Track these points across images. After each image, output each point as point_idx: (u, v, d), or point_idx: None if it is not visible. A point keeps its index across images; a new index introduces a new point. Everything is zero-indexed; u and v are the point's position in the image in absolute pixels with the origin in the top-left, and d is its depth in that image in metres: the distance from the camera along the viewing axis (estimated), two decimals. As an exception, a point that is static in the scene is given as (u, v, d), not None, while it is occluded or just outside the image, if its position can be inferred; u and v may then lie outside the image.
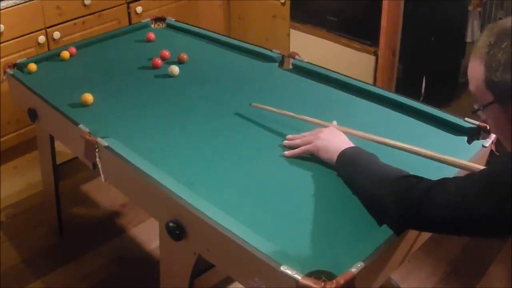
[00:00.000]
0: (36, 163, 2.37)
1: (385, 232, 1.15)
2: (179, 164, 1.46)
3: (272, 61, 2.02)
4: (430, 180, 1.12)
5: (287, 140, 1.52)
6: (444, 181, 1.09)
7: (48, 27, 2.71)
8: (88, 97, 1.77)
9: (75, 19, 2.80)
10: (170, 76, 1.95)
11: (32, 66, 2.03)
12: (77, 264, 2.19)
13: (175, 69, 1.95)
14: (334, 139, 1.42)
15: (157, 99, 1.82)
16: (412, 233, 1.22)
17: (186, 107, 1.76)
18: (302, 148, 1.46)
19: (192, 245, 1.32)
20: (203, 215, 1.21)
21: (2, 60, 2.53)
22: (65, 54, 2.11)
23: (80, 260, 2.21)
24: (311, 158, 1.46)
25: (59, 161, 2.18)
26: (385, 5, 2.52)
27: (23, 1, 2.57)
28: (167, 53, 2.08)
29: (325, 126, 1.50)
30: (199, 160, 1.48)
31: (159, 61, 2.02)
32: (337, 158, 1.37)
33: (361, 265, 1.05)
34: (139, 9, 3.02)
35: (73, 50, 2.15)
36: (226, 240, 1.16)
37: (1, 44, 2.56)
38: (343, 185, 1.35)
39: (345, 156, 1.36)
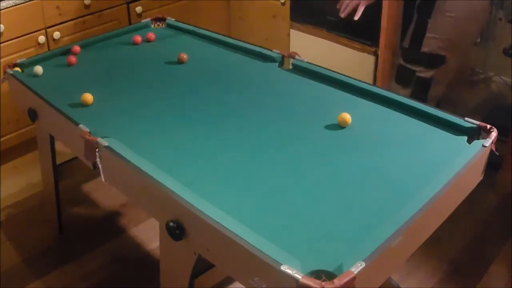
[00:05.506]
0: (36, 163, 2.37)
1: (386, 231, 1.15)
2: (179, 164, 1.46)
3: (272, 61, 2.02)
4: None
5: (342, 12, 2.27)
6: None
7: (48, 27, 2.71)
8: (88, 97, 1.77)
9: (75, 19, 2.80)
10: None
11: (39, 69, 2.00)
12: (77, 264, 2.19)
13: (38, 69, 1.98)
14: None
15: (157, 99, 1.82)
16: (412, 233, 1.22)
17: (186, 107, 1.76)
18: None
19: (192, 245, 1.32)
20: (203, 215, 1.21)
21: (2, 60, 2.53)
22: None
23: (80, 260, 2.21)
24: (312, 157, 1.46)
25: (59, 161, 2.18)
26: (385, 5, 2.52)
27: (23, 1, 2.56)
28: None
29: None
30: (200, 160, 1.48)
31: (139, 39, 2.22)
32: None
33: (361, 265, 1.05)
34: (139, 9, 3.02)
35: (77, 48, 2.14)
36: (226, 240, 1.16)
37: (1, 44, 2.56)
38: (343, 185, 1.35)
39: None
